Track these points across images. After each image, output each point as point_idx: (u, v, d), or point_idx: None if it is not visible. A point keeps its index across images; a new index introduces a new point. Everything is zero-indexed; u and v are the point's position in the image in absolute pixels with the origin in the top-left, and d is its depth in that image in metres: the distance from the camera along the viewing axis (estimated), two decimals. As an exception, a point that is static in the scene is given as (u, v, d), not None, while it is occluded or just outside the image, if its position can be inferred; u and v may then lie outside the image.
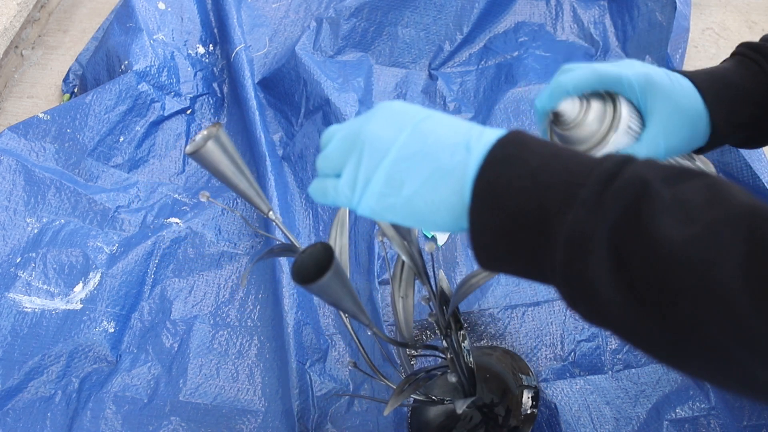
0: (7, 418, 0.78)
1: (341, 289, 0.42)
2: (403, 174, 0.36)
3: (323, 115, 1.05)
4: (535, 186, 0.33)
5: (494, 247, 0.35)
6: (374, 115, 0.38)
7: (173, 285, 0.90)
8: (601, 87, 0.49)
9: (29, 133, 0.99)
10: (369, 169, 0.37)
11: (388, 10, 1.15)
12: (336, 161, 0.39)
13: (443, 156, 0.36)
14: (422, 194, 0.36)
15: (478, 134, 0.36)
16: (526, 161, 0.34)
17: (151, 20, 1.11)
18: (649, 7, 1.14)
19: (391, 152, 0.36)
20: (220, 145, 0.42)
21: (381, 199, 0.37)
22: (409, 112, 0.38)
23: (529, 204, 0.33)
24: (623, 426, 0.78)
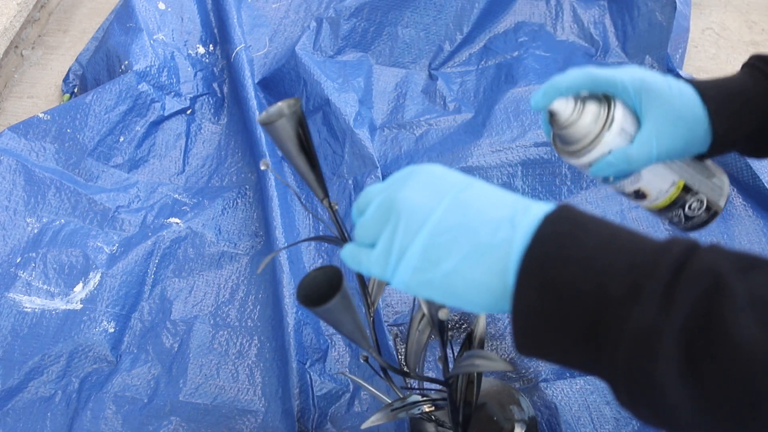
0: (7, 418, 0.78)
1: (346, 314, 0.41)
2: (440, 249, 0.34)
3: (323, 115, 1.05)
4: (592, 272, 0.30)
5: (540, 335, 0.32)
6: (411, 180, 0.36)
7: (173, 285, 0.90)
8: (595, 88, 0.50)
9: (29, 133, 0.99)
10: (404, 241, 0.35)
11: (388, 10, 1.15)
12: (372, 230, 0.37)
13: (485, 231, 0.33)
14: (461, 272, 0.33)
15: (524, 208, 0.34)
16: (580, 242, 0.31)
17: (151, 20, 1.11)
18: (649, 7, 1.14)
19: (428, 224, 0.34)
20: (294, 123, 0.41)
21: (416, 274, 0.34)
22: (448, 179, 0.36)
23: (584, 292, 0.30)
24: (623, 426, 0.78)
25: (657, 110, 0.48)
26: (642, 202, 0.54)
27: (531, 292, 0.32)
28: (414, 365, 0.56)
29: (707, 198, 0.54)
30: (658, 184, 0.52)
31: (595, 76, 0.49)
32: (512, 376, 0.82)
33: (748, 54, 1.31)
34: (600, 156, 0.48)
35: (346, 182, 0.98)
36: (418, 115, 1.08)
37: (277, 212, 0.92)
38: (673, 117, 0.48)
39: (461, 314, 0.87)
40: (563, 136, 0.50)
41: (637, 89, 0.48)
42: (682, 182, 0.52)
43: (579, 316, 0.31)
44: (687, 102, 0.48)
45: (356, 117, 1.02)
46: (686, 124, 0.48)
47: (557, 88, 0.50)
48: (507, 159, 0.94)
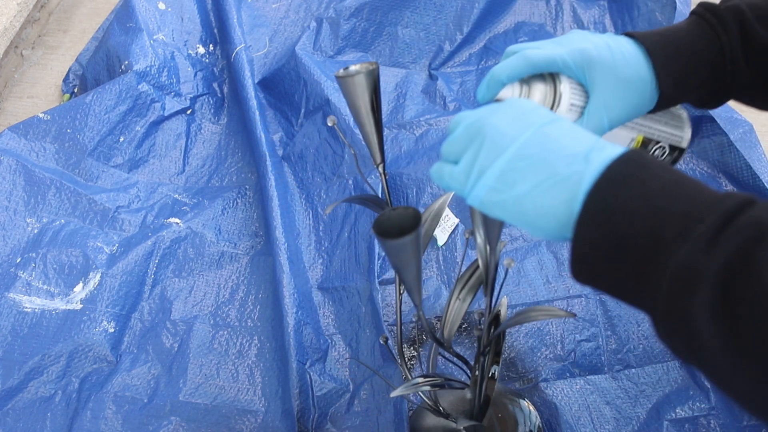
0: (7, 418, 0.78)
1: (414, 256, 0.42)
2: (517, 173, 0.36)
3: (323, 115, 1.05)
4: (650, 211, 0.32)
5: (595, 264, 0.35)
6: (501, 109, 0.39)
7: (173, 285, 0.90)
8: (536, 71, 0.49)
9: (29, 133, 0.99)
10: (485, 162, 0.37)
11: (388, 11, 1.15)
12: (457, 148, 0.39)
13: (560, 163, 0.36)
14: (533, 197, 0.36)
15: (600, 147, 0.36)
16: (645, 183, 0.33)
17: (151, 20, 1.11)
18: (649, 7, 1.14)
19: (510, 149, 0.37)
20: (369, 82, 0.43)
21: (491, 194, 0.37)
22: (536, 113, 0.38)
23: (641, 228, 0.32)
24: (623, 426, 0.78)
25: (603, 81, 0.48)
26: None
27: (592, 225, 0.34)
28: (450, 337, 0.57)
29: (668, 142, 0.55)
30: (618, 142, 0.52)
31: (533, 59, 0.49)
32: (512, 376, 0.82)
33: (748, 54, 1.30)
34: None
35: (346, 182, 0.98)
36: (418, 115, 1.08)
37: (277, 212, 0.92)
38: (620, 85, 0.48)
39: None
40: None
41: (578, 64, 0.48)
42: (640, 137, 0.54)
43: (632, 251, 0.33)
44: (632, 66, 0.48)
45: (356, 117, 1.02)
46: (634, 89, 0.48)
47: (498, 79, 0.50)
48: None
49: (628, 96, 0.49)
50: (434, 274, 0.91)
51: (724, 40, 0.49)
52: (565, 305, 0.86)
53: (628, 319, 0.85)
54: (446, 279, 0.90)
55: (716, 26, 0.49)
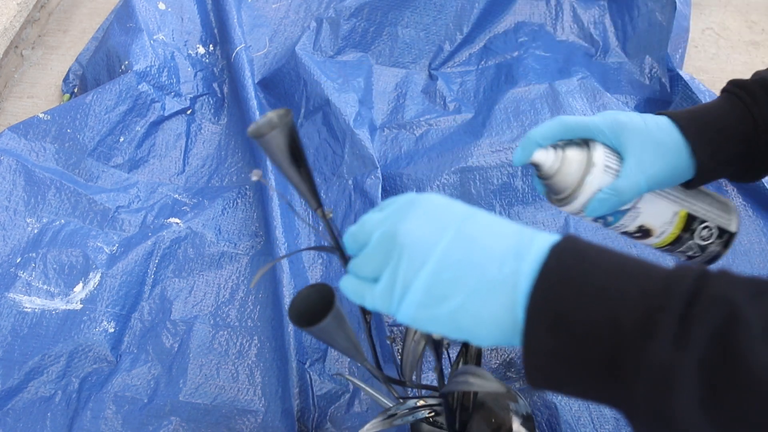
0: (7, 418, 0.78)
1: (339, 332, 0.40)
2: (445, 285, 0.33)
3: (323, 115, 1.05)
4: (602, 306, 0.30)
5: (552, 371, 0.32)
6: (412, 212, 0.35)
7: (173, 285, 0.90)
8: (571, 135, 0.51)
9: (29, 133, 0.99)
10: (407, 276, 0.34)
11: (388, 11, 1.15)
12: (373, 264, 0.36)
13: (491, 266, 0.33)
14: (467, 308, 0.33)
15: (528, 241, 0.33)
16: (587, 276, 0.31)
17: (151, 20, 1.11)
18: (649, 7, 1.14)
19: (432, 259, 0.33)
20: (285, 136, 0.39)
21: (421, 310, 0.34)
22: (450, 210, 0.35)
23: (597, 326, 0.30)
24: (623, 426, 0.78)
25: (636, 142, 0.49)
26: (650, 240, 0.54)
27: (541, 331, 0.31)
28: (410, 375, 0.55)
29: (716, 224, 0.54)
30: (660, 217, 0.52)
31: (568, 123, 0.50)
32: (512, 376, 0.82)
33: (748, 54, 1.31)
34: (590, 196, 0.49)
35: (345, 182, 0.98)
36: (418, 115, 1.08)
37: (277, 212, 0.92)
38: (653, 145, 0.49)
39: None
40: (552, 185, 0.51)
41: (611, 128, 0.49)
42: (684, 211, 0.52)
43: (593, 352, 0.30)
44: (665, 132, 0.49)
45: (356, 117, 1.02)
46: (668, 151, 0.49)
47: (533, 140, 0.51)
48: (507, 159, 0.94)
49: (663, 157, 0.49)
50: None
51: (755, 111, 0.50)
52: None
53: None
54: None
55: (745, 98, 0.50)
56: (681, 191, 0.53)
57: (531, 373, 0.33)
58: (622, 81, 1.11)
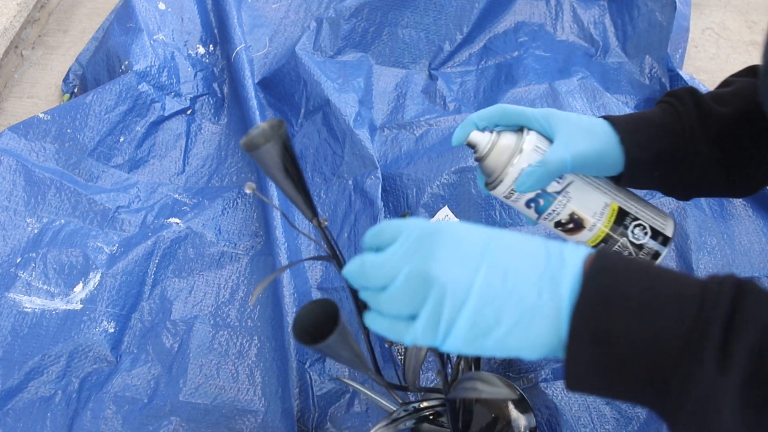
0: (7, 418, 0.78)
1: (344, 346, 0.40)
2: (488, 318, 0.34)
3: (323, 115, 1.05)
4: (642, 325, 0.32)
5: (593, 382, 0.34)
6: (438, 248, 0.36)
7: (173, 285, 0.90)
8: (508, 120, 0.55)
9: (29, 133, 0.99)
10: (450, 316, 0.35)
11: (388, 11, 1.15)
12: (404, 303, 0.36)
13: (529, 294, 0.34)
14: (513, 335, 0.35)
15: (558, 260, 0.35)
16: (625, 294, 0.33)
17: (151, 20, 1.11)
18: (649, 7, 1.14)
19: (471, 298, 0.34)
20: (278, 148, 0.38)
21: (468, 342, 0.35)
22: (474, 241, 0.36)
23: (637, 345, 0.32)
24: (623, 426, 0.78)
25: (567, 127, 0.53)
26: (583, 233, 0.55)
27: (584, 347, 0.33)
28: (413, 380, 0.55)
29: (649, 224, 0.55)
30: (591, 206, 0.54)
31: (506, 109, 0.55)
32: (512, 376, 0.82)
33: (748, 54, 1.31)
34: (518, 176, 0.52)
35: (346, 183, 0.98)
36: (418, 115, 1.08)
37: (277, 212, 0.92)
38: (582, 131, 0.53)
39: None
40: (485, 167, 0.54)
41: (545, 116, 0.53)
42: (615, 205, 0.55)
43: (633, 367, 0.32)
44: (597, 124, 0.54)
45: (356, 117, 1.02)
46: (596, 137, 0.53)
47: (472, 122, 0.55)
48: (507, 159, 0.94)
49: (591, 141, 0.53)
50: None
51: (681, 111, 0.54)
52: None
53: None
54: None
55: (674, 102, 0.55)
56: (614, 186, 0.56)
57: (571, 382, 0.35)
58: (622, 81, 1.11)
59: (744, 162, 0.54)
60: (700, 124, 0.54)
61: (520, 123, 0.55)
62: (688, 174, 0.55)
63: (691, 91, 0.55)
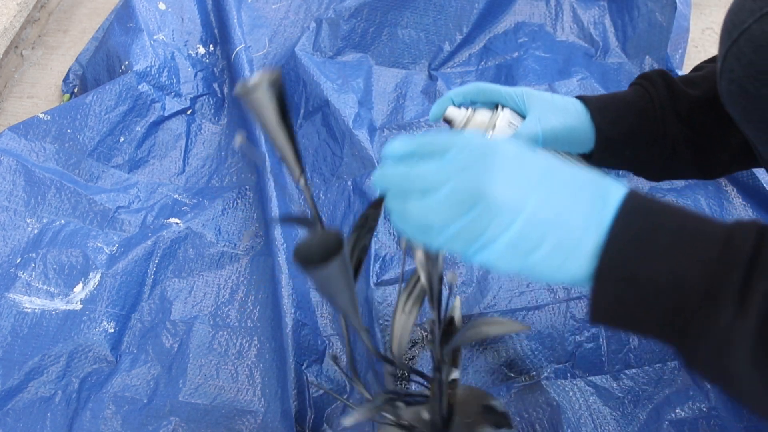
0: (7, 418, 0.78)
1: (343, 282, 0.39)
2: (530, 242, 0.35)
3: (322, 116, 1.05)
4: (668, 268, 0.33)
5: (616, 316, 0.36)
6: (493, 168, 0.35)
7: (173, 285, 0.90)
8: (483, 98, 0.57)
9: (29, 133, 0.99)
10: (493, 233, 0.35)
11: (387, 11, 1.15)
12: (445, 214, 0.36)
13: (574, 227, 0.35)
14: (547, 262, 0.35)
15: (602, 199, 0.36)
16: (653, 236, 0.34)
17: (151, 20, 1.11)
18: (649, 7, 1.14)
19: (519, 220, 0.35)
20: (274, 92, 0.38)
21: (500, 260, 0.36)
22: (531, 166, 0.36)
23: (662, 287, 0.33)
24: (623, 426, 0.78)
25: (539, 103, 0.55)
26: None
27: (610, 282, 0.35)
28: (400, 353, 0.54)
29: None
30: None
31: (482, 87, 0.57)
32: (512, 376, 0.82)
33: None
34: None
35: (345, 183, 0.98)
36: (418, 116, 1.08)
37: (277, 212, 0.92)
38: (555, 108, 0.55)
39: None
40: None
41: (519, 94, 0.55)
42: None
43: (657, 306, 0.34)
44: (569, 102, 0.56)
45: (355, 118, 1.02)
46: (568, 114, 0.55)
47: (448, 98, 0.57)
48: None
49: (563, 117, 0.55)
50: (434, 275, 0.91)
51: (652, 91, 0.56)
52: (566, 308, 0.86)
53: (627, 319, 0.85)
54: (446, 280, 0.90)
55: (644, 83, 0.57)
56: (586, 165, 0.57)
57: (595, 314, 0.36)
58: (622, 81, 1.11)
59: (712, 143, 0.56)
60: (670, 105, 0.55)
61: (495, 100, 0.57)
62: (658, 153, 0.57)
63: (663, 74, 0.57)
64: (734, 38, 0.43)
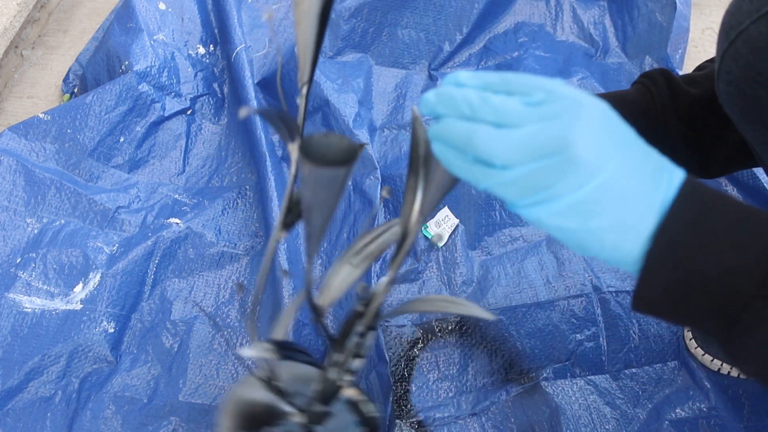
0: (7, 418, 0.78)
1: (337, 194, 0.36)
2: (594, 208, 0.33)
3: (323, 116, 1.05)
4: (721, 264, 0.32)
5: (661, 305, 0.35)
6: (584, 121, 0.33)
7: (173, 285, 0.90)
8: None
9: (29, 133, 0.99)
10: (562, 189, 0.32)
11: (387, 11, 1.15)
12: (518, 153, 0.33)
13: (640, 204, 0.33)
14: (601, 234, 0.33)
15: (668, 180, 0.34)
16: (709, 229, 0.33)
17: (151, 20, 1.11)
18: (649, 7, 1.14)
19: (594, 181, 0.32)
20: None
21: (553, 218, 0.33)
22: (618, 130, 0.34)
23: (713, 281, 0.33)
24: (623, 426, 0.78)
25: None
26: None
27: (659, 270, 0.33)
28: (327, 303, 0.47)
29: None
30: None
31: None
32: (512, 378, 0.82)
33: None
34: None
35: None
36: (418, 116, 1.08)
37: (277, 213, 0.92)
38: None
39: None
40: None
41: None
42: None
43: (706, 298, 0.33)
44: None
45: (355, 118, 1.02)
46: None
47: None
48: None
49: None
50: (434, 275, 0.91)
51: (653, 90, 0.56)
52: (566, 305, 0.86)
53: (628, 318, 0.85)
54: (446, 279, 0.90)
55: (646, 82, 0.58)
56: None
57: (639, 302, 0.35)
58: (622, 81, 1.11)
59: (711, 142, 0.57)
60: (670, 103, 0.56)
61: None
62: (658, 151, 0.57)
63: (665, 72, 0.57)
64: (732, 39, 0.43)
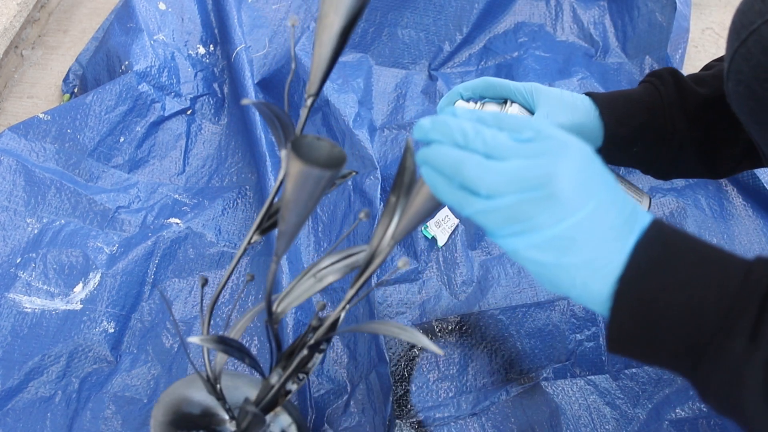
0: (7, 418, 0.78)
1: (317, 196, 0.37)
2: (567, 245, 0.34)
3: (323, 116, 1.05)
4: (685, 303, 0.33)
5: (632, 346, 0.36)
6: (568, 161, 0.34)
7: (173, 285, 0.90)
8: (492, 93, 0.57)
9: (29, 133, 0.99)
10: (540, 222, 0.34)
11: (387, 11, 1.15)
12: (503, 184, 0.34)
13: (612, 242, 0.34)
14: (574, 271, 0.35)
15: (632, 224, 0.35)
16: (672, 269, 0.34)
17: (151, 21, 1.11)
18: (649, 7, 1.14)
19: (572, 219, 0.34)
20: None
21: (533, 249, 0.35)
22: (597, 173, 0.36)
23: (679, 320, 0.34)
24: (623, 426, 0.78)
25: (548, 99, 0.55)
26: None
27: (626, 311, 0.35)
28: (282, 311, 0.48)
29: None
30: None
31: (491, 81, 0.57)
32: (512, 377, 0.82)
33: (748, 54, 1.29)
34: None
35: (345, 183, 0.98)
36: (418, 116, 1.08)
37: (277, 212, 0.92)
38: (563, 104, 0.55)
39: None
40: None
41: (528, 90, 0.56)
42: None
43: (673, 338, 0.34)
44: (578, 99, 0.56)
45: (355, 118, 1.02)
46: (576, 110, 0.55)
47: (457, 92, 0.58)
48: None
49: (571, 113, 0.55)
50: (434, 275, 0.91)
51: (661, 89, 0.57)
52: (566, 305, 0.86)
53: (627, 319, 0.85)
54: (446, 280, 0.90)
55: (654, 81, 0.58)
56: None
57: (612, 344, 0.36)
58: (622, 81, 1.11)
59: (719, 142, 0.57)
60: (678, 103, 0.55)
61: (504, 95, 0.57)
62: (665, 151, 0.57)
63: (672, 72, 0.57)
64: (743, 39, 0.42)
